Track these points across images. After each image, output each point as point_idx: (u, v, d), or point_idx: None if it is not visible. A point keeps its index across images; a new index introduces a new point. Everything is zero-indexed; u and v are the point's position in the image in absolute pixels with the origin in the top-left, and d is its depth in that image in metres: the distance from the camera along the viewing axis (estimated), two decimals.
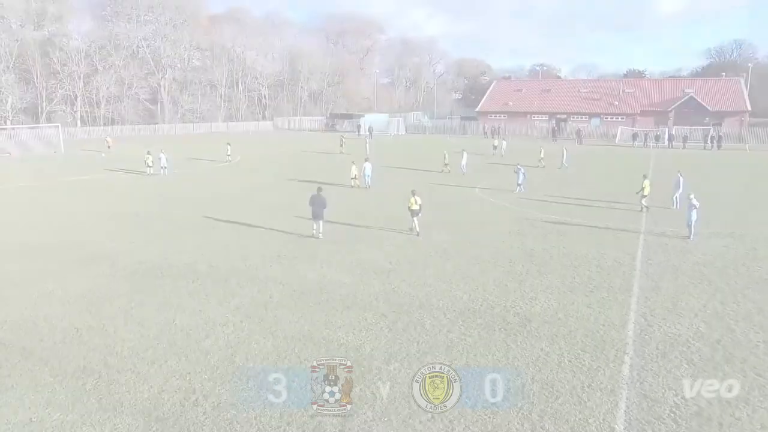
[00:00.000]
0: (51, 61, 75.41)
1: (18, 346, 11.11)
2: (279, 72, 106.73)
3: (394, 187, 30.28)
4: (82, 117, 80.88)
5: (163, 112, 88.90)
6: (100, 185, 32.84)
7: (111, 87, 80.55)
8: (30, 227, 21.61)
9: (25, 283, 14.82)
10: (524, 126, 79.33)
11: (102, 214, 23.96)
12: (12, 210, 25.21)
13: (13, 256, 17.43)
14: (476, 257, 17.35)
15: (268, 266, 16.35)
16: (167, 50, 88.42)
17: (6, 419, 8.61)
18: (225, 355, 10.68)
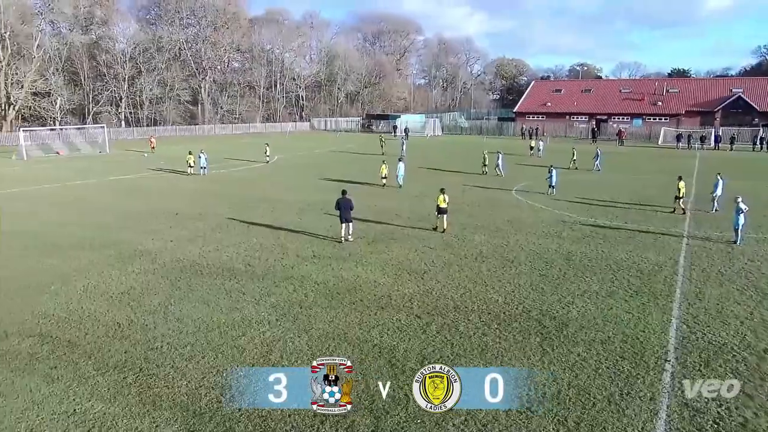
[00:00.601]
0: (97, 63, 78.06)
1: (64, 340, 11.52)
2: (316, 73, 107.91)
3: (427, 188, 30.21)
4: (126, 118, 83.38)
5: (203, 113, 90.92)
6: (142, 184, 33.76)
7: (154, 89, 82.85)
8: (76, 224, 22.37)
9: (71, 278, 15.35)
10: (563, 127, 78.07)
11: (144, 212, 24.62)
12: (60, 207, 26.14)
13: (59, 252, 18.07)
14: (512, 260, 17.15)
15: (303, 265, 16.52)
16: (208, 52, 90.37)
17: (52, 409, 8.93)
18: (260, 353, 10.83)
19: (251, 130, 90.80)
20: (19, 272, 15.93)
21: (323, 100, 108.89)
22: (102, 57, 77.92)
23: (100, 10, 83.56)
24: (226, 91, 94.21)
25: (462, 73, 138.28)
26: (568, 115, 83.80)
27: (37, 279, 15.29)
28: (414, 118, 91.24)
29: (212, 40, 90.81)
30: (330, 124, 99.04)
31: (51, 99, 73.64)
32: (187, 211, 24.63)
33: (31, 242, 19.44)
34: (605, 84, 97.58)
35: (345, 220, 18.88)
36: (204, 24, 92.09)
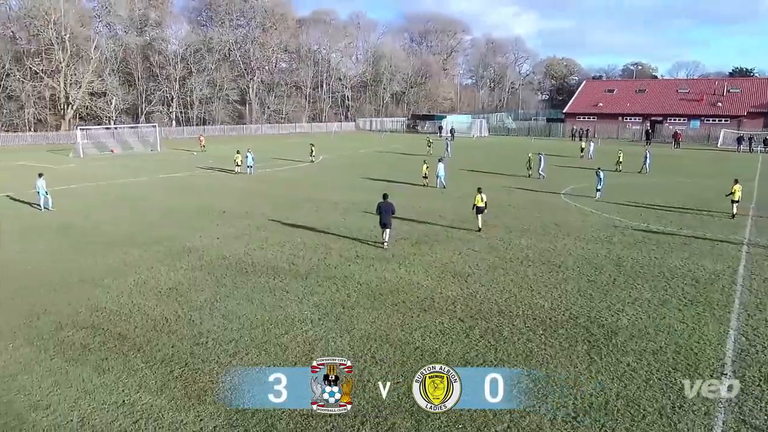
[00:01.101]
0: (151, 64, 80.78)
1: (114, 332, 11.95)
2: (362, 73, 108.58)
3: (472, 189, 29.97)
4: (177, 117, 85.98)
5: (251, 113, 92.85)
6: (191, 182, 34.72)
7: (203, 89, 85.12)
8: (128, 221, 23.19)
9: (122, 273, 15.92)
10: (615, 128, 76.02)
11: (192, 209, 25.31)
12: (113, 204, 27.16)
13: (113, 247, 18.77)
14: (559, 264, 16.80)
15: (346, 265, 16.64)
16: (256, 53, 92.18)
17: (102, 400, 9.28)
18: (302, 351, 10.96)
19: (297, 129, 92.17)
20: (76, 267, 16.63)
21: (369, 100, 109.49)
22: (155, 58, 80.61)
23: (154, 12, 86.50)
24: (274, 91, 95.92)
25: (510, 73, 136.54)
26: (620, 116, 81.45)
27: (91, 273, 15.93)
28: (460, 118, 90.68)
29: (261, 41, 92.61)
30: (375, 125, 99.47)
31: (107, 99, 76.63)
32: (234, 210, 25.18)
33: (88, 238, 20.27)
34: (661, 84, 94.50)
35: (384, 225, 18.41)
36: (253, 25, 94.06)
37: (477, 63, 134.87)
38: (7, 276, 15.76)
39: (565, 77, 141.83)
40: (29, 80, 70.53)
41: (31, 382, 9.81)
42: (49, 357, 10.80)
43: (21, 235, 20.65)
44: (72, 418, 8.75)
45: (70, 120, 73.62)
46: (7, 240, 19.99)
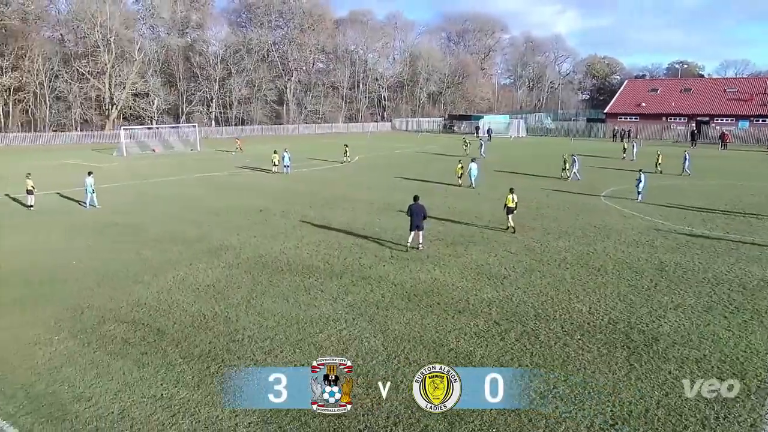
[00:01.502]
0: (191, 65, 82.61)
1: (154, 327, 12.26)
2: (399, 73, 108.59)
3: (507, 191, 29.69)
4: (216, 117, 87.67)
5: (288, 113, 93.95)
6: (230, 181, 35.34)
7: (242, 89, 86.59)
8: (168, 218, 23.76)
9: (162, 270, 16.32)
10: (658, 129, 74.04)
11: (230, 208, 25.76)
12: (154, 202, 27.86)
13: (153, 244, 19.26)
14: (598, 268, 16.46)
15: (380, 266, 16.66)
16: (294, 54, 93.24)
17: (141, 393, 9.53)
18: (337, 351, 11.02)
19: (334, 130, 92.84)
20: (118, 263, 17.13)
21: (405, 100, 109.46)
22: (196, 59, 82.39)
23: (195, 14, 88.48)
24: (311, 91, 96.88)
25: (549, 72, 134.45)
26: (664, 116, 79.25)
27: (133, 269, 16.38)
28: (497, 118, 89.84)
29: (298, 42, 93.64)
30: (411, 125, 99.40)
31: (149, 99, 78.74)
32: (271, 208, 25.52)
33: (130, 235, 20.86)
34: (708, 83, 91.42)
35: (416, 227, 17.94)
36: (291, 26, 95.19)
37: (515, 62, 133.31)
38: (54, 271, 16.33)
39: (606, 76, 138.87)
40: (76, 81, 73.00)
41: (74, 374, 10.15)
42: (92, 350, 11.16)
43: (67, 232, 21.39)
44: (113, 410, 9.01)
45: (114, 120, 75.90)
46: (55, 236, 20.73)
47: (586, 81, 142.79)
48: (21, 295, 14.24)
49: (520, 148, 61.15)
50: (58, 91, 72.89)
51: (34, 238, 20.40)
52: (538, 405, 9.06)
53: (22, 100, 71.00)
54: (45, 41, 73.33)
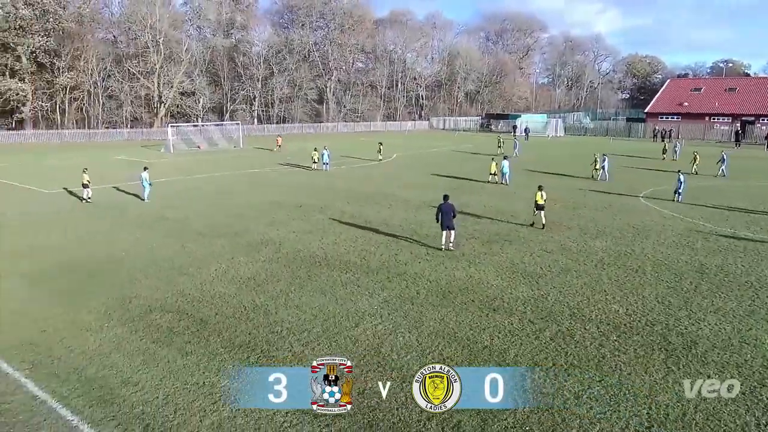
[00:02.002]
0: (236, 65, 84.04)
1: (197, 317, 12.55)
2: (437, 72, 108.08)
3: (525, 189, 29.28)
4: (259, 115, 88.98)
5: (327, 112, 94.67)
6: (271, 178, 35.84)
7: (284, 88, 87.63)
8: (213, 213, 24.25)
9: (205, 263, 16.68)
10: (701, 129, 71.62)
11: (271, 203, 26.13)
12: (199, 197, 28.48)
13: (198, 238, 19.71)
14: (636, 269, 16.05)
15: (416, 262, 16.64)
16: (334, 53, 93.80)
17: (184, 380, 9.77)
18: (372, 345, 11.07)
19: (372, 128, 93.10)
20: (165, 255, 17.60)
21: (443, 99, 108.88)
22: (240, 59, 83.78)
23: (240, 15, 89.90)
24: (350, 90, 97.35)
25: (588, 71, 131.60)
26: (707, 116, 76.57)
27: (178, 261, 16.80)
28: (535, 117, 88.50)
29: (339, 42, 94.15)
30: (449, 124, 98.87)
31: (195, 98, 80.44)
32: (310, 204, 25.77)
33: (176, 228, 21.39)
34: (754, 82, 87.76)
35: (447, 227, 17.51)
36: (332, 26, 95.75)
37: (554, 61, 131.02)
38: (105, 261, 16.89)
39: (647, 75, 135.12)
40: (127, 81, 75.13)
41: (122, 360, 10.48)
42: (139, 338, 11.50)
43: (117, 224, 22.08)
44: (158, 395, 9.27)
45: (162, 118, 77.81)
46: (105, 228, 21.42)
47: (627, 80, 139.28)
48: (76, 284, 14.79)
49: (557, 148, 60.08)
50: (110, 90, 75.19)
51: (86, 230, 21.12)
52: (573, 405, 8.91)
53: (78, 98, 73.50)
54: (99, 42, 75.69)
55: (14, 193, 29.94)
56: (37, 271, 16.01)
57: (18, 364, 10.31)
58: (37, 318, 12.48)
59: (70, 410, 8.84)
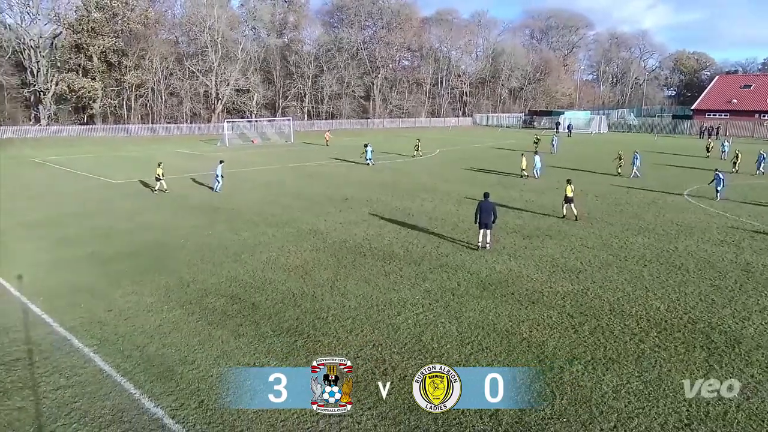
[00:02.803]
0: (287, 63, 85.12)
1: (249, 302, 12.86)
2: (481, 70, 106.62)
3: (587, 185, 28.54)
4: (309, 112, 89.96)
5: (374, 108, 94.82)
6: (319, 171, 36.22)
7: (333, 85, 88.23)
8: (265, 203, 24.72)
9: (257, 250, 17.04)
10: (750, 126, 68.15)
11: (319, 195, 26.43)
12: (252, 188, 29.08)
13: (251, 227, 20.14)
14: (679, 266, 15.48)
15: (457, 255, 16.53)
16: (381, 52, 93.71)
17: (237, 360, 10.04)
18: (413, 333, 11.09)
19: (416, 124, 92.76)
20: (220, 242, 18.08)
21: (486, 96, 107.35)
22: (292, 58, 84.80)
23: (293, 16, 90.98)
24: (396, 87, 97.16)
25: (634, 68, 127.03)
26: (757, 113, 72.79)
27: (233, 249, 17.23)
28: (578, 114, 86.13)
29: (386, 40, 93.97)
30: (492, 120, 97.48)
31: (249, 95, 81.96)
32: (356, 197, 25.94)
33: (231, 217, 21.93)
34: None
35: (485, 226, 16.72)
36: (380, 25, 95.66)
37: (599, 58, 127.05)
38: (166, 247, 17.49)
39: (695, 72, 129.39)
40: (187, 79, 77.19)
41: (180, 340, 10.85)
42: (195, 319, 11.87)
43: (178, 213, 22.80)
44: (212, 374, 9.56)
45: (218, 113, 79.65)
46: (167, 217, 22.15)
47: (674, 77, 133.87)
48: (140, 267, 15.38)
49: (599, 144, 58.31)
50: (171, 87, 77.42)
51: (152, 217, 21.90)
52: (611, 399, 8.70)
53: (142, 95, 76.05)
54: (162, 43, 77.95)
55: (88, 183, 31.32)
56: (106, 254, 16.72)
57: (87, 340, 10.82)
58: (105, 298, 13.06)
59: (132, 384, 9.22)
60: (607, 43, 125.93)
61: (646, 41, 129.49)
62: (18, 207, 24.10)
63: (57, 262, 15.96)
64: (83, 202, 25.23)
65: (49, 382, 9.27)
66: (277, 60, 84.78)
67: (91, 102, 71.17)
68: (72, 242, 18.19)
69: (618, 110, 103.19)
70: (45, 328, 11.42)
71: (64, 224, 20.77)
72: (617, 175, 33.33)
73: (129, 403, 8.69)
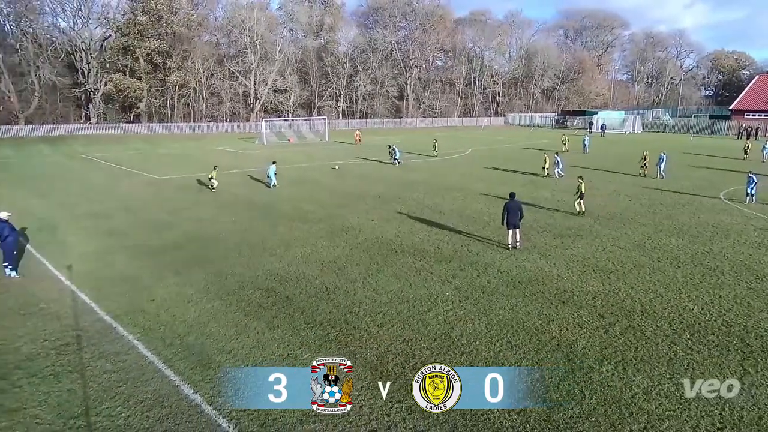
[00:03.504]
0: (323, 64, 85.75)
1: (283, 295, 13.02)
2: (514, 70, 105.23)
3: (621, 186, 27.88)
4: (343, 111, 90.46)
5: (407, 108, 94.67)
6: (353, 170, 36.36)
7: (367, 85, 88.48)
8: (301, 199, 24.98)
9: (292, 245, 17.24)
10: None
11: (352, 193, 26.55)
12: (288, 185, 29.34)
13: (286, 222, 20.39)
14: (714, 268, 14.98)
15: (487, 253, 16.38)
16: (415, 52, 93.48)
17: (271, 351, 10.19)
18: (443, 330, 11.05)
19: (449, 123, 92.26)
20: (257, 237, 18.37)
21: (519, 96, 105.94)
22: (327, 58, 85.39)
23: (329, 18, 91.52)
24: (429, 87, 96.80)
25: (670, 67, 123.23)
26: None
27: (269, 243, 17.48)
28: (612, 114, 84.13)
29: (420, 41, 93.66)
30: (524, 120, 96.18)
31: (286, 94, 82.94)
32: (387, 195, 25.96)
33: (267, 213, 22.25)
34: None
35: (513, 226, 16.49)
36: (413, 26, 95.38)
37: (634, 58, 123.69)
38: (206, 241, 17.86)
39: (734, 71, 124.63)
40: (227, 79, 78.58)
41: (218, 330, 11.08)
42: (233, 311, 12.10)
43: (217, 208, 23.25)
44: (248, 363, 9.72)
45: (257, 112, 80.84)
46: (207, 211, 22.60)
47: (711, 76, 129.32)
48: (181, 259, 15.75)
49: (633, 145, 56.80)
50: (212, 87, 78.93)
51: (193, 213, 22.38)
52: (641, 400, 8.50)
53: (185, 95, 77.75)
54: (204, 44, 79.51)
55: (133, 178, 32.24)
56: (150, 246, 17.19)
57: (131, 328, 11.15)
58: (148, 288, 13.43)
59: (173, 371, 9.46)
60: (642, 43, 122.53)
61: (683, 40, 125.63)
62: (69, 200, 24.99)
63: (104, 253, 16.49)
64: (129, 197, 25.99)
65: (96, 367, 9.60)
66: (313, 61, 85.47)
67: (137, 101, 73.19)
68: (118, 234, 18.77)
69: (653, 110, 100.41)
70: (92, 315, 11.83)
71: (111, 217, 21.44)
72: (638, 175, 32.44)
73: (169, 389, 8.92)
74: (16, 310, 12.05)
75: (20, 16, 67.06)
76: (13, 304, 12.45)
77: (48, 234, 18.79)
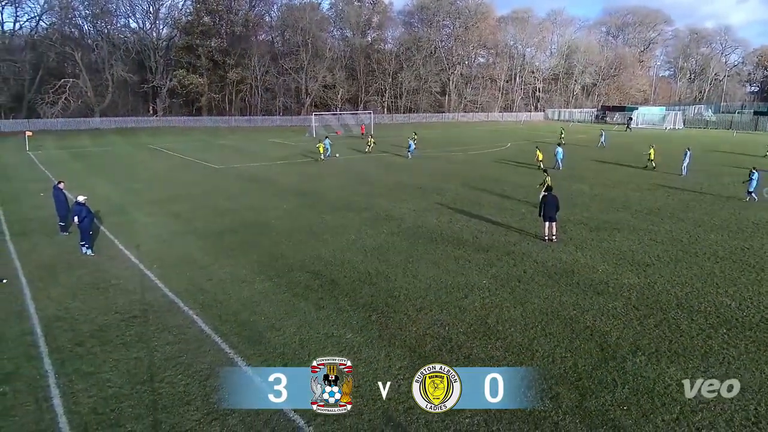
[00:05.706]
0: (370, 61, 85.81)
1: (329, 278, 13.19)
2: (554, 66, 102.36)
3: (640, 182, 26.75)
4: (388, 106, 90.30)
5: (449, 103, 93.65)
6: (393, 161, 36.29)
7: (411, 82, 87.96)
8: (346, 189, 25.15)
9: (338, 232, 17.41)
10: None
11: (394, 184, 26.52)
12: (336, 175, 29.68)
13: (333, 210, 20.59)
14: (753, 264, 14.23)
15: (525, 244, 16.08)
16: (458, 50, 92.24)
17: (317, 330, 10.36)
18: (479, 315, 10.96)
19: (489, 118, 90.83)
20: (306, 223, 18.65)
21: (559, 91, 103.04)
22: (374, 56, 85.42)
23: (376, 17, 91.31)
24: (471, 83, 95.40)
25: (714, 63, 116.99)
26: None
27: (318, 229, 17.71)
28: (652, 110, 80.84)
29: (463, 39, 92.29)
30: (564, 115, 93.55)
31: (335, 90, 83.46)
32: (428, 186, 25.82)
33: (317, 201, 22.53)
34: None
35: (549, 219, 16.12)
36: (457, 24, 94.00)
37: (677, 54, 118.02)
38: (260, 226, 18.25)
39: None
40: (281, 76, 79.70)
41: (268, 309, 11.34)
42: (282, 291, 12.35)
43: (271, 196, 23.71)
44: (295, 341, 9.93)
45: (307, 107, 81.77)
46: (262, 198, 23.08)
47: (757, 72, 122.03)
48: (237, 242, 16.18)
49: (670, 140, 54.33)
50: (267, 83, 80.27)
51: (248, 200, 22.92)
52: (674, 392, 8.21)
53: (242, 90, 79.41)
54: (260, 43, 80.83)
55: (195, 167, 33.25)
56: (209, 229, 17.73)
57: (191, 304, 11.56)
58: (207, 268, 13.87)
59: (228, 345, 9.76)
60: (686, 39, 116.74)
61: (728, 36, 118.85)
62: (137, 187, 26.02)
63: (169, 235, 17.11)
64: (191, 184, 26.83)
65: (160, 338, 10.01)
66: (360, 58, 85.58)
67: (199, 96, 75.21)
68: (181, 218, 19.42)
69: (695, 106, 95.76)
70: (158, 291, 12.32)
71: (176, 202, 22.19)
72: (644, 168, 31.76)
73: (225, 361, 9.21)
74: (91, 285, 12.69)
75: (97, 18, 69.93)
76: (88, 279, 13.10)
77: (119, 217, 19.64)
